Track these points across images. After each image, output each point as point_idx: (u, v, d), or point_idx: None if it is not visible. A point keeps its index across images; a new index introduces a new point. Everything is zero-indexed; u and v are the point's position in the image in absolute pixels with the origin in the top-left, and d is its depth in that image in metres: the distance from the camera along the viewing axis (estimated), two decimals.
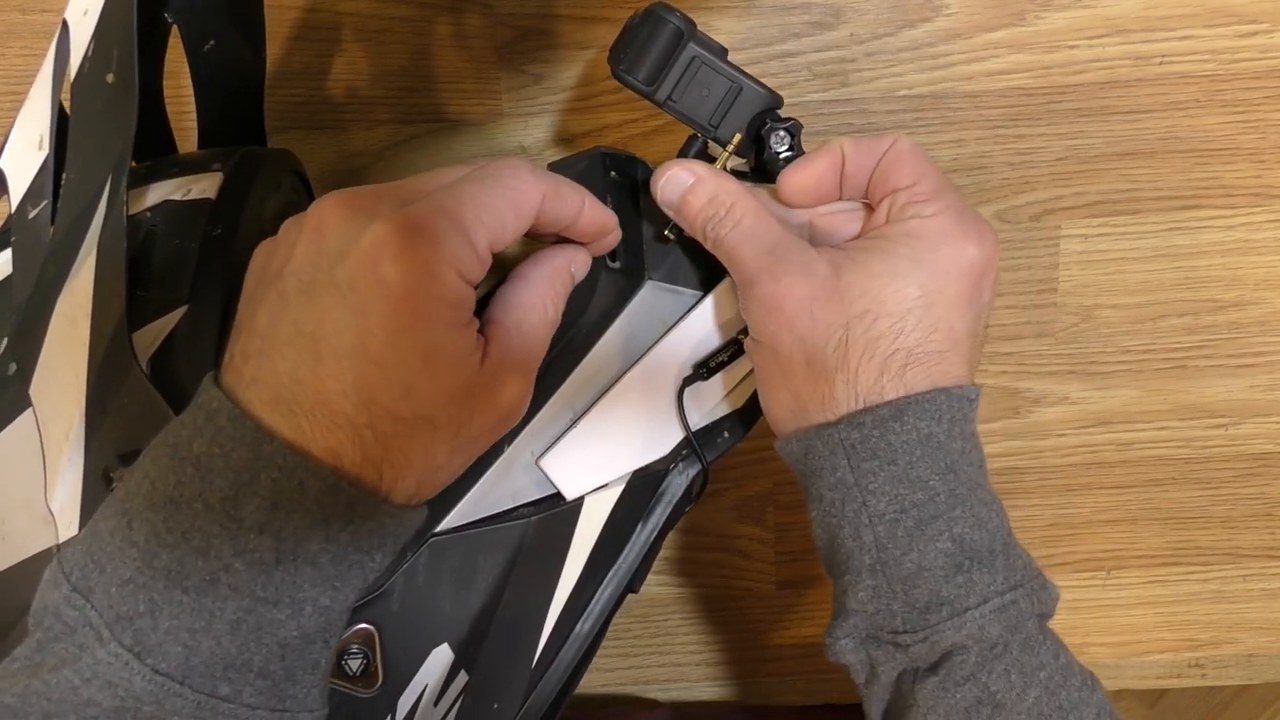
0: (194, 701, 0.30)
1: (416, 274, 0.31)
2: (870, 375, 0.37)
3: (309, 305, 0.31)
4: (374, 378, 0.31)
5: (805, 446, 0.39)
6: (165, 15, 0.45)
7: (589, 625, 0.41)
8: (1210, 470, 0.64)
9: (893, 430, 0.37)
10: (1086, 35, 0.55)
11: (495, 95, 0.56)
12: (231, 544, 0.30)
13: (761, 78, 0.45)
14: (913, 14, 0.55)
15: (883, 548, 0.37)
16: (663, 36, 0.39)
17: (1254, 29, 0.55)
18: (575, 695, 0.67)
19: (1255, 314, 0.60)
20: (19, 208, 0.40)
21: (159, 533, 0.30)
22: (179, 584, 0.29)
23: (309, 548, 0.30)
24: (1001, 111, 0.56)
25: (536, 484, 0.40)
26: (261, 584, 0.30)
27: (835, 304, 0.37)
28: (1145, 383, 0.62)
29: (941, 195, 0.38)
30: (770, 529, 0.64)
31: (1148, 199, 0.58)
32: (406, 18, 0.55)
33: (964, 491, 0.38)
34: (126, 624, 0.29)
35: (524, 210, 0.34)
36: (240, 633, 0.30)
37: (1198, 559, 0.66)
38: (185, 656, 0.30)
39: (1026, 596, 0.38)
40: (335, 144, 0.57)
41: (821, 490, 0.39)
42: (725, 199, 0.39)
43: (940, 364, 0.38)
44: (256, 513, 0.30)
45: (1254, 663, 0.69)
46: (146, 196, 0.41)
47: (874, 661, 0.39)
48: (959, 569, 0.37)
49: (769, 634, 0.67)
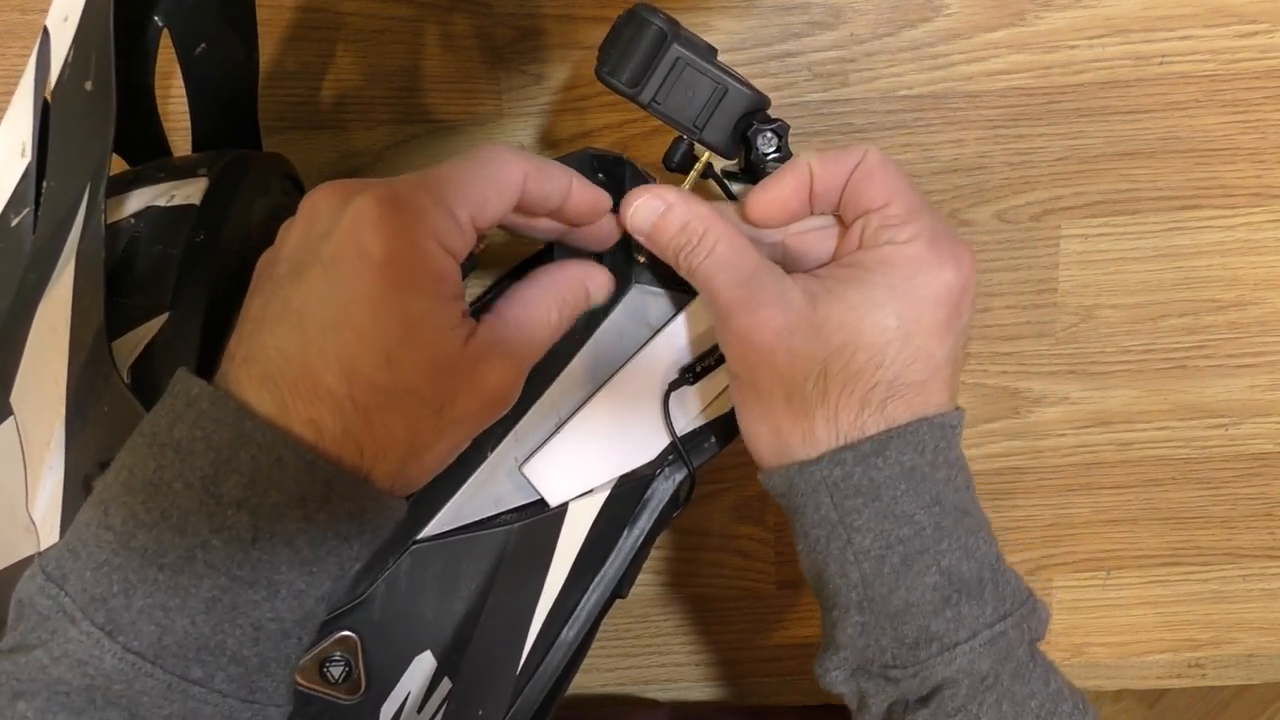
0: (164, 683, 0.30)
1: (397, 241, 0.31)
2: (851, 411, 0.37)
3: (297, 283, 0.32)
4: (355, 347, 0.31)
5: (788, 482, 0.38)
6: (155, 19, 0.45)
7: (575, 632, 0.41)
8: (1210, 470, 0.64)
9: (875, 466, 0.36)
10: (1086, 35, 0.55)
11: (495, 95, 0.56)
12: (209, 520, 0.30)
13: (761, 78, 0.45)
14: (913, 14, 0.55)
15: (869, 585, 0.37)
16: (646, 38, 0.39)
17: (1254, 29, 0.55)
18: (574, 695, 0.67)
19: (1255, 314, 0.60)
20: (1, 215, 0.40)
21: (136, 515, 0.30)
22: (155, 562, 0.29)
23: (286, 527, 0.30)
24: (1001, 111, 0.56)
25: (520, 490, 0.40)
26: (238, 562, 0.30)
27: (813, 338, 0.37)
28: (1145, 383, 0.62)
29: (915, 217, 0.38)
30: (770, 529, 0.64)
31: (1148, 199, 0.58)
32: (406, 18, 0.55)
33: (950, 523, 0.37)
34: (100, 604, 0.29)
35: (505, 186, 0.35)
36: (215, 612, 0.30)
37: (1198, 559, 0.66)
38: (158, 635, 0.29)
39: (1016, 625, 0.37)
40: (335, 144, 0.57)
41: (806, 527, 0.38)
42: (698, 226, 0.38)
43: (921, 394, 0.37)
44: (235, 489, 0.30)
45: (1254, 663, 0.69)
46: (131, 203, 0.41)
47: (864, 693, 0.39)
48: (947, 603, 0.36)
49: (769, 634, 0.67)
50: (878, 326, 0.36)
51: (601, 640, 0.67)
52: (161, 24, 0.45)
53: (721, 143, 0.40)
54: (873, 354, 0.36)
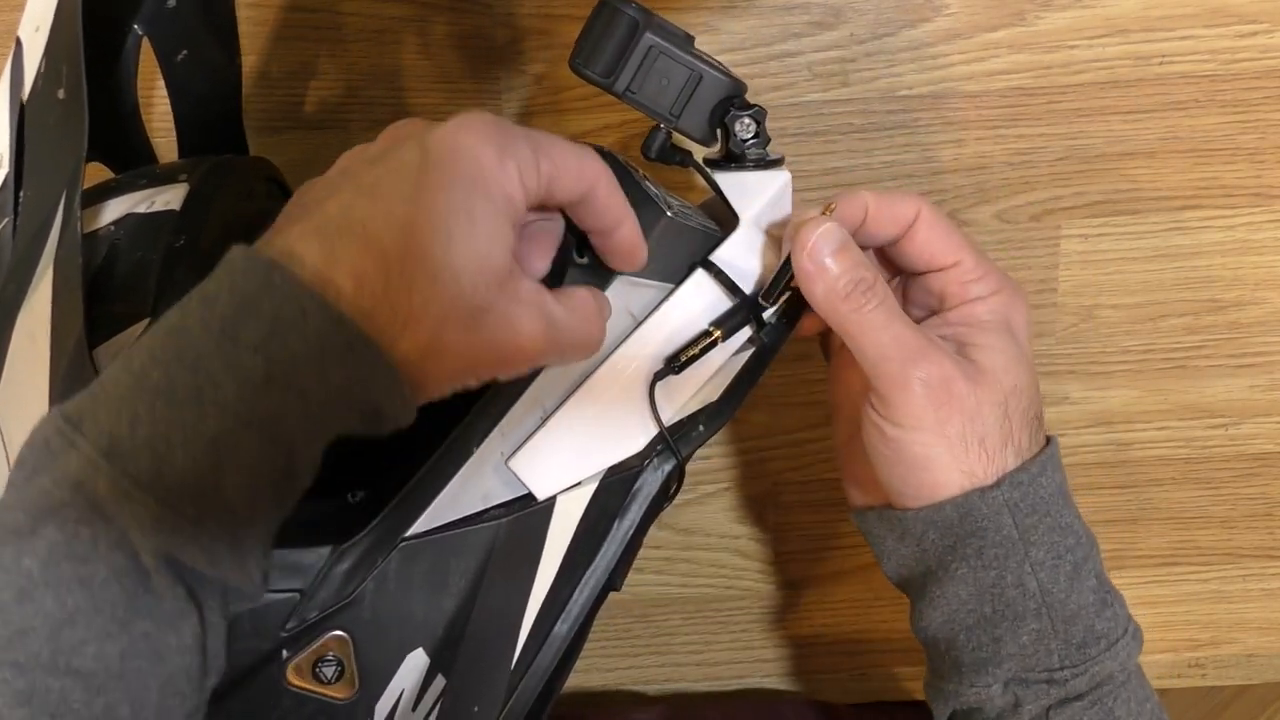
0: (155, 513, 0.29)
1: (487, 149, 0.33)
2: (1024, 440, 0.41)
3: (375, 165, 0.33)
4: (420, 219, 0.32)
5: (962, 512, 0.40)
6: (135, 27, 0.45)
7: (568, 626, 0.41)
8: (1210, 470, 0.64)
9: (1041, 485, 0.40)
10: (1086, 35, 0.55)
11: (495, 95, 0.56)
12: (223, 359, 0.30)
13: (761, 78, 0.45)
14: (913, 14, 0.55)
15: (1047, 592, 0.40)
16: (618, 28, 0.39)
17: (1254, 29, 0.55)
18: (574, 693, 0.68)
19: (1255, 314, 0.60)
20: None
21: (154, 354, 0.30)
22: (164, 396, 0.29)
23: (300, 377, 0.30)
24: (1001, 111, 0.56)
25: (507, 485, 0.40)
26: (247, 403, 0.30)
27: (989, 385, 0.40)
28: (1145, 383, 0.62)
29: (981, 264, 0.42)
30: (770, 529, 0.64)
31: (1148, 199, 0.58)
32: (406, 18, 0.55)
33: (1088, 533, 0.42)
34: (105, 435, 0.29)
35: (585, 175, 0.36)
36: (215, 451, 0.30)
37: (1198, 559, 0.66)
38: (156, 466, 0.29)
39: (1133, 618, 0.42)
40: (335, 144, 0.57)
41: (982, 547, 0.40)
42: (870, 270, 0.39)
43: (1042, 416, 0.42)
44: (254, 333, 0.30)
45: (1254, 663, 0.69)
46: (111, 210, 0.41)
47: (1020, 700, 0.41)
48: (1105, 604, 0.41)
49: (769, 634, 0.67)
50: (1022, 364, 0.41)
51: (601, 640, 0.67)
52: (142, 32, 0.45)
53: (699, 130, 0.40)
54: (1029, 389, 0.41)
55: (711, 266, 0.41)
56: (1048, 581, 0.40)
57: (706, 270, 0.41)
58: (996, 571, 0.40)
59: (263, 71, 0.56)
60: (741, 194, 0.42)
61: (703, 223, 0.42)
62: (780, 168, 0.42)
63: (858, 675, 0.68)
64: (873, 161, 0.57)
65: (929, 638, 0.43)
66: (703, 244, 0.41)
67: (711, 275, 0.41)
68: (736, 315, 0.41)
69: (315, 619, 0.37)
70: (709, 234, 0.41)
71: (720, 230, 0.42)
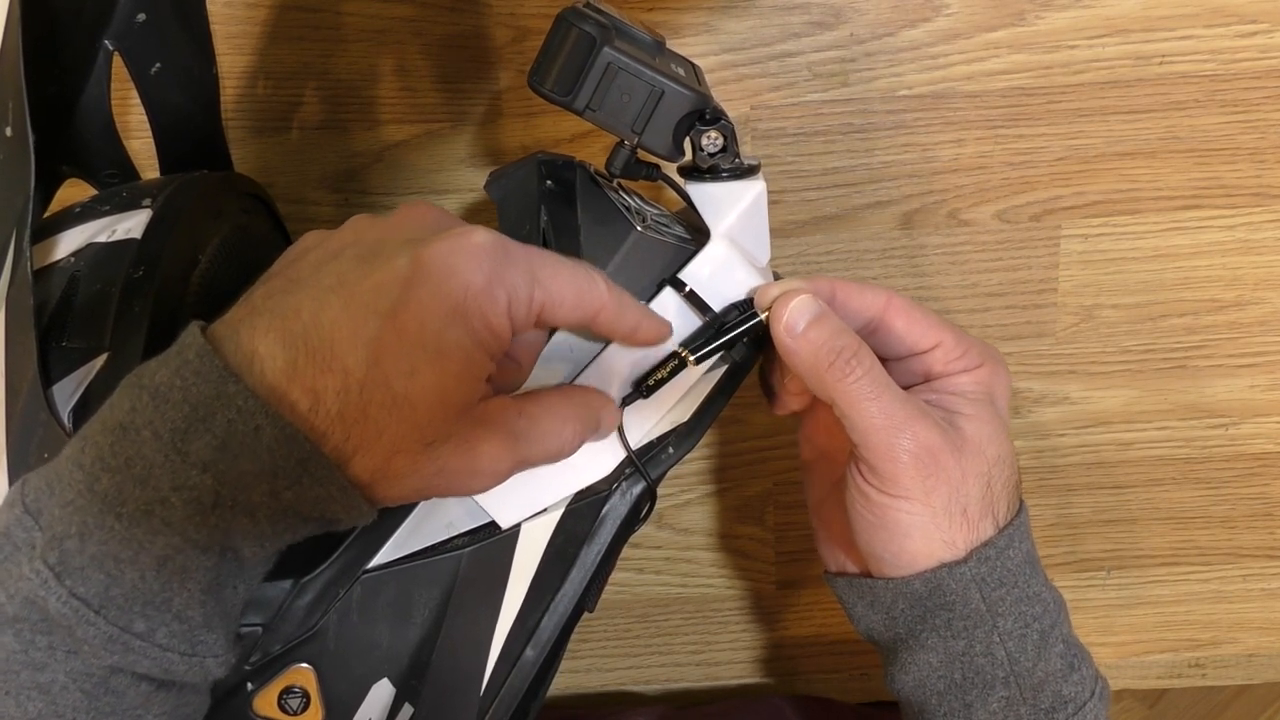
0: (106, 634, 0.29)
1: (478, 276, 0.32)
2: (1003, 509, 0.41)
3: (363, 264, 0.32)
4: (391, 344, 0.31)
5: (931, 586, 0.40)
6: (105, 43, 0.44)
7: (538, 650, 0.40)
8: (1210, 470, 0.64)
9: (1008, 557, 0.40)
10: (1086, 35, 0.55)
11: (495, 95, 0.56)
12: (172, 477, 0.29)
13: (761, 78, 0.45)
14: (913, 14, 0.55)
15: (1015, 661, 0.40)
16: (574, 44, 0.37)
17: (1254, 29, 0.55)
18: (573, 694, 0.68)
19: (1255, 314, 0.60)
20: None
21: (104, 456, 0.30)
22: (113, 509, 0.29)
23: (250, 498, 0.30)
24: (1001, 111, 0.56)
25: (470, 514, 0.39)
26: (195, 525, 0.30)
27: (975, 454, 0.39)
28: (1145, 383, 0.62)
29: (962, 341, 0.42)
30: (770, 529, 0.64)
31: (1148, 199, 0.58)
32: (406, 18, 0.55)
33: (1056, 596, 0.42)
34: (56, 544, 0.29)
35: (584, 305, 0.35)
36: (165, 571, 0.30)
37: (1198, 559, 0.66)
38: (106, 586, 0.29)
39: (1101, 675, 0.42)
40: (335, 144, 0.57)
41: (950, 619, 0.40)
42: (851, 339, 0.38)
43: (1019, 483, 0.42)
44: (204, 450, 0.29)
45: (1254, 663, 0.69)
46: (72, 240, 0.40)
47: None
48: (1072, 668, 0.41)
49: (769, 634, 0.67)
50: (1004, 435, 0.41)
51: (602, 640, 0.67)
52: (113, 47, 0.44)
53: (663, 146, 0.39)
54: (1010, 458, 0.41)
55: (680, 284, 0.39)
56: (1015, 650, 0.40)
57: (675, 289, 0.39)
58: (965, 641, 0.40)
59: (263, 71, 0.56)
60: (714, 207, 0.40)
61: (678, 234, 0.41)
62: (756, 175, 0.41)
63: (858, 675, 0.68)
64: (873, 161, 0.57)
65: (903, 698, 0.43)
66: (674, 259, 0.40)
67: (680, 294, 0.39)
68: (706, 335, 0.39)
69: (279, 652, 0.37)
70: (681, 248, 0.40)
71: (694, 242, 0.40)
